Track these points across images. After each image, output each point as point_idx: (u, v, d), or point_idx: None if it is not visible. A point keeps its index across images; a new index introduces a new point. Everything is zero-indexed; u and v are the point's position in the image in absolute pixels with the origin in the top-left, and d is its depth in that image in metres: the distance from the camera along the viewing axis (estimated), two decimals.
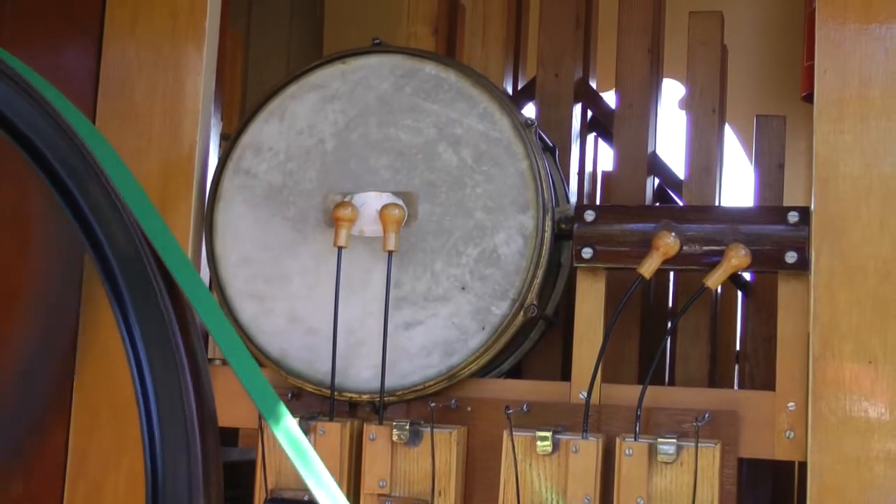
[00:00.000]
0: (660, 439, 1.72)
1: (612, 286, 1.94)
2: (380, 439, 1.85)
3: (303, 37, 4.11)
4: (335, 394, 1.89)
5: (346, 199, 1.94)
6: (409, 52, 2.03)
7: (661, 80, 2.44)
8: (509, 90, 2.52)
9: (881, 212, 1.74)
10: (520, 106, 2.46)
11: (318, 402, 1.94)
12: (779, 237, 1.80)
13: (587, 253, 1.88)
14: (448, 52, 2.54)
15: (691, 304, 1.87)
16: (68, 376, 2.07)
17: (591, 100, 2.54)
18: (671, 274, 2.41)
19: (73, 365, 2.07)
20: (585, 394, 1.82)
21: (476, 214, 1.90)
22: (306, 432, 1.85)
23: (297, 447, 0.84)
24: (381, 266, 1.91)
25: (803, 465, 1.78)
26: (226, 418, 1.75)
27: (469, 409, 1.92)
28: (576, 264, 1.90)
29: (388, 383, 1.88)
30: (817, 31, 1.81)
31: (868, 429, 1.70)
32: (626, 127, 2.34)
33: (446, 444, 1.83)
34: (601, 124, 2.60)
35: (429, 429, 1.83)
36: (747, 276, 2.38)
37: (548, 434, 1.75)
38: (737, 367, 2.56)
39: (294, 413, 1.83)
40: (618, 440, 1.75)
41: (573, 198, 2.26)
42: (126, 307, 0.81)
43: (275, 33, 4.00)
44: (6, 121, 0.84)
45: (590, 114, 2.55)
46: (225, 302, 1.99)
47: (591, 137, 2.65)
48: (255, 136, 2.04)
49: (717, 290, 2.34)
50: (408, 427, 1.83)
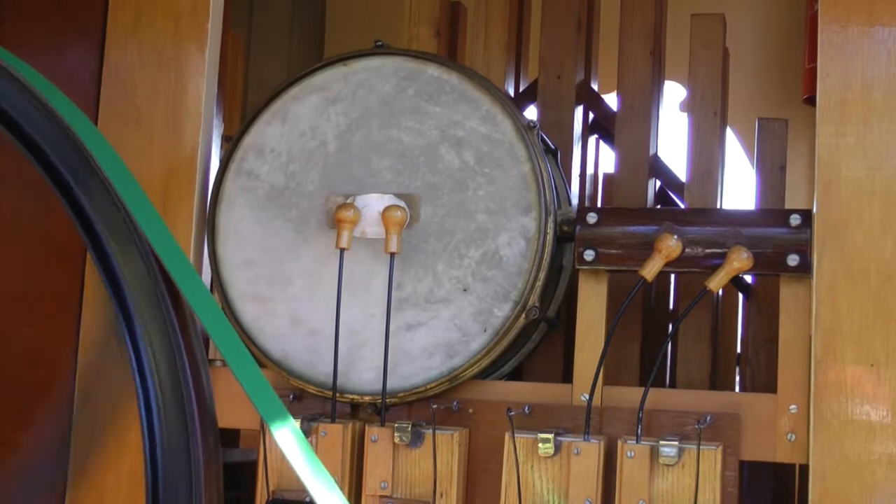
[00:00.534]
0: (661, 442, 1.72)
1: (614, 288, 1.94)
2: (381, 441, 1.85)
3: (304, 38, 4.11)
4: (337, 395, 1.89)
5: (349, 201, 1.94)
6: (411, 54, 2.03)
7: (663, 83, 2.44)
8: (511, 92, 2.52)
9: (883, 215, 1.74)
10: (521, 108, 2.46)
11: (319, 404, 1.94)
12: (781, 240, 1.80)
13: (589, 255, 1.88)
14: (450, 53, 2.54)
15: (693, 307, 1.87)
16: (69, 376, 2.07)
17: (592, 102, 2.54)
18: (672, 276, 2.41)
19: (73, 365, 2.07)
20: (587, 396, 1.82)
21: (478, 216, 1.90)
22: (308, 434, 1.85)
23: (299, 449, 0.84)
24: (382, 268, 1.91)
25: (804, 468, 1.78)
26: (226, 419, 1.76)
27: (471, 410, 1.92)
28: (577, 266, 1.90)
29: (389, 385, 1.88)
30: (820, 33, 1.81)
31: (870, 432, 1.70)
32: (627, 129, 2.34)
33: (448, 445, 1.83)
34: (603, 126, 2.60)
35: (430, 430, 1.83)
36: (749, 278, 2.38)
37: (549, 436, 1.75)
38: (738, 369, 2.56)
39: (296, 415, 1.85)
40: (619, 442, 1.75)
41: (575, 200, 2.26)
42: (128, 308, 0.81)
43: (276, 35, 4.00)
44: (9, 120, 0.84)
45: (591, 116, 2.55)
46: (227, 303, 1.99)
47: (592, 140, 2.65)
48: (258, 138, 2.04)
49: (718, 292, 2.34)
50: (409, 429, 1.83)
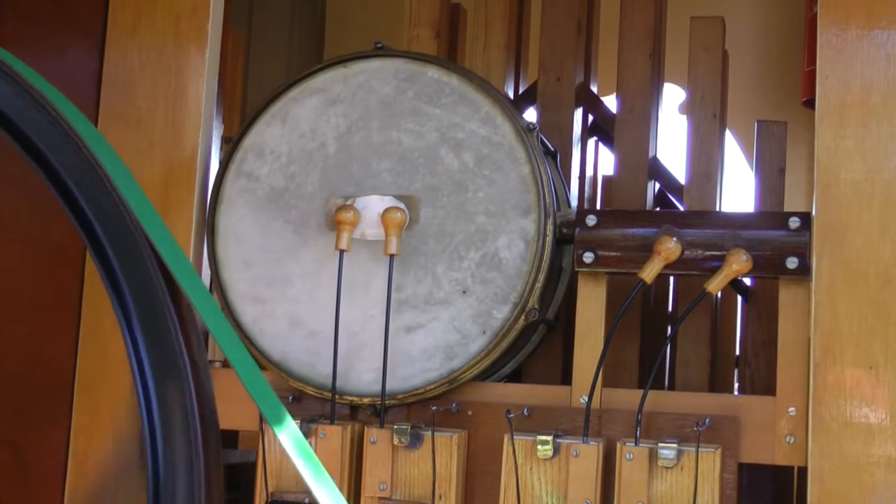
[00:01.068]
0: (660, 444, 1.72)
1: (613, 291, 1.94)
2: (381, 442, 1.85)
3: (303, 40, 4.12)
4: (336, 397, 1.89)
5: (348, 203, 1.94)
6: (411, 55, 2.04)
7: (662, 85, 2.44)
8: (511, 94, 2.52)
9: (882, 217, 1.74)
10: (521, 110, 2.46)
11: (319, 405, 1.94)
12: (780, 242, 1.80)
13: (588, 257, 1.88)
14: (449, 55, 2.54)
15: (692, 309, 1.87)
16: (68, 376, 2.07)
17: (592, 104, 2.54)
18: (671, 279, 2.41)
19: (73, 365, 2.07)
20: (586, 398, 1.82)
21: (477, 218, 1.91)
22: (307, 435, 1.86)
23: (300, 449, 0.84)
24: (382, 269, 1.91)
25: (803, 470, 1.78)
26: (226, 420, 1.76)
27: (470, 412, 1.92)
28: (577, 269, 1.90)
29: (389, 387, 1.88)
30: (819, 36, 1.82)
31: (869, 434, 1.70)
32: (627, 131, 2.34)
33: (447, 447, 1.83)
34: (602, 129, 2.60)
35: (430, 432, 1.83)
36: (748, 281, 2.38)
37: (548, 438, 1.75)
38: (737, 371, 2.55)
39: (295, 416, 1.85)
40: (618, 444, 1.75)
41: (574, 202, 2.26)
42: (128, 309, 0.81)
43: (276, 36, 4.00)
44: (7, 120, 0.84)
45: (591, 118, 2.55)
46: (226, 305, 2.00)
47: (592, 142, 2.65)
48: (257, 139, 2.04)
49: (717, 295, 2.34)
50: (409, 430, 1.83)
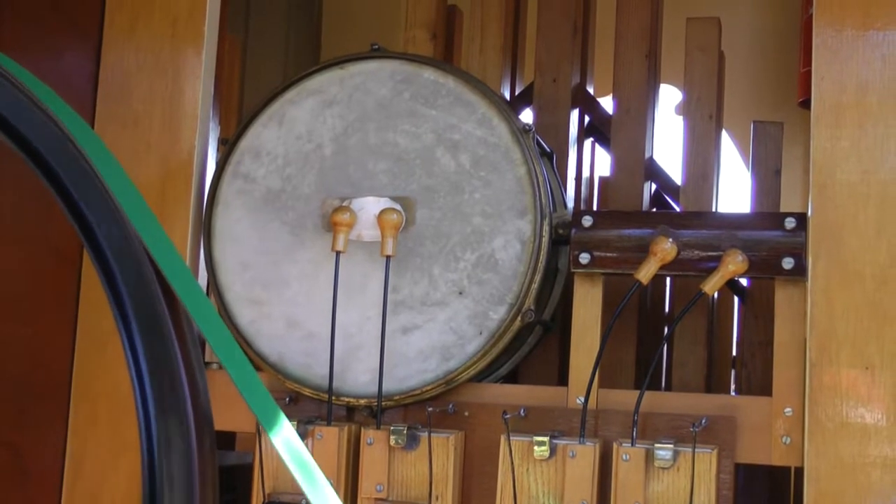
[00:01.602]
0: (657, 444, 1.72)
1: (610, 291, 1.94)
2: (377, 444, 1.85)
3: (300, 42, 4.11)
4: (333, 398, 1.89)
5: (345, 204, 1.94)
6: (407, 57, 2.04)
7: (659, 86, 2.44)
8: (507, 95, 2.52)
9: (878, 218, 1.74)
10: (517, 111, 2.46)
11: (315, 407, 1.94)
12: (776, 243, 1.80)
13: (584, 258, 1.88)
14: (446, 57, 2.54)
15: (688, 310, 1.87)
16: (66, 377, 2.07)
17: (588, 105, 2.54)
18: (668, 279, 2.41)
19: (70, 367, 2.07)
20: (583, 399, 1.82)
21: (474, 220, 1.91)
22: (304, 436, 1.86)
23: (293, 452, 0.84)
24: (379, 271, 1.91)
25: (799, 471, 1.78)
26: (222, 422, 1.76)
27: (466, 413, 1.92)
28: (573, 269, 1.90)
29: (385, 388, 1.88)
30: (814, 37, 1.82)
31: (865, 434, 1.71)
32: (623, 132, 2.34)
33: (444, 448, 1.83)
34: (598, 130, 2.60)
35: (426, 433, 1.83)
36: (744, 281, 2.38)
37: (545, 439, 1.76)
38: (733, 372, 2.56)
39: (292, 417, 1.85)
40: (615, 445, 1.75)
41: (570, 203, 2.26)
42: (126, 311, 0.81)
43: (272, 38, 4.00)
44: (5, 123, 0.84)
45: (587, 119, 2.56)
46: (223, 306, 2.00)
47: (588, 143, 2.65)
48: (254, 141, 2.04)
49: (713, 295, 2.35)
50: (405, 431, 1.83)
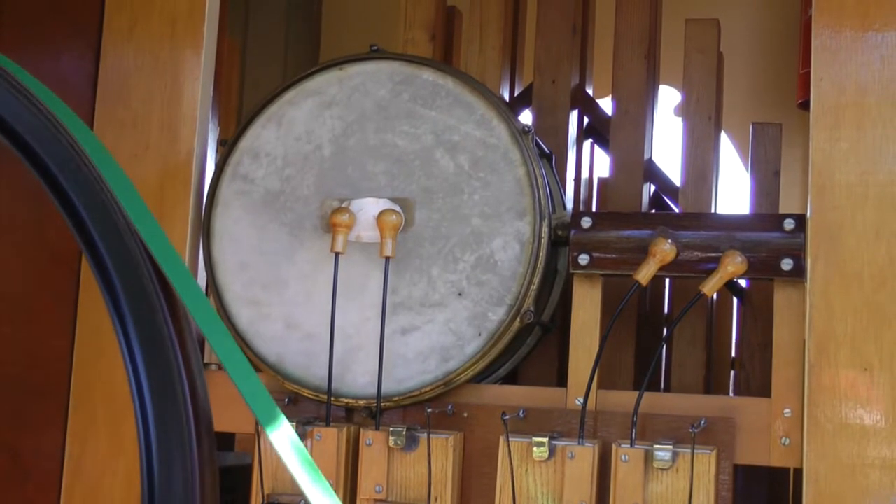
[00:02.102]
0: (656, 445, 1.72)
1: (609, 292, 1.94)
2: (376, 445, 1.85)
3: (299, 43, 4.12)
4: (332, 399, 1.89)
5: (344, 205, 1.94)
6: (406, 58, 2.04)
7: (658, 87, 2.44)
8: (506, 96, 2.52)
9: (877, 219, 1.74)
10: (516, 112, 2.46)
11: (314, 408, 1.94)
12: (775, 244, 1.80)
13: (584, 259, 1.88)
14: (445, 58, 2.54)
15: (687, 311, 1.87)
16: (64, 378, 2.07)
17: (587, 106, 2.54)
18: (667, 281, 2.41)
19: (68, 368, 2.07)
20: (582, 400, 1.82)
21: (473, 221, 1.91)
22: (303, 437, 1.86)
23: (292, 453, 0.84)
24: (378, 272, 1.91)
25: (798, 472, 1.79)
26: (222, 423, 1.76)
27: (465, 414, 1.92)
28: (572, 271, 1.90)
29: (384, 389, 1.88)
30: (814, 38, 1.82)
31: (864, 436, 1.71)
32: (622, 133, 2.34)
33: (443, 449, 1.83)
34: (598, 131, 2.60)
35: (425, 434, 1.83)
36: (743, 282, 2.38)
37: (544, 440, 1.76)
38: (732, 373, 2.56)
39: (291, 418, 1.85)
40: (614, 446, 1.75)
41: (569, 204, 2.26)
42: (123, 312, 0.81)
43: (271, 39, 4.00)
44: (4, 124, 0.84)
45: (586, 120, 2.56)
46: (222, 307, 2.00)
47: (587, 144, 2.65)
48: (253, 142, 2.04)
49: (712, 296, 2.35)
50: (404, 432, 1.83)
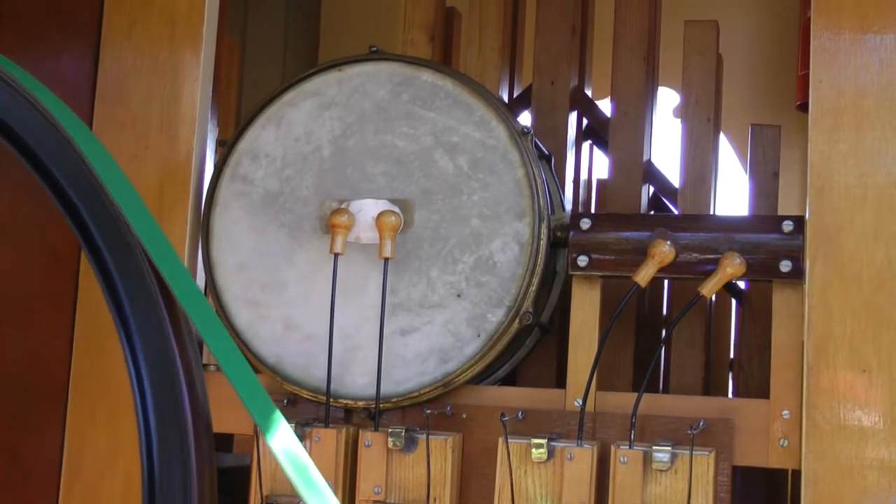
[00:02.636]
0: (654, 447, 1.72)
1: (608, 294, 1.94)
2: (375, 446, 1.85)
3: (298, 44, 4.12)
4: (331, 400, 1.89)
5: (343, 206, 1.94)
6: (405, 59, 2.04)
7: (657, 89, 2.44)
8: (505, 98, 2.52)
9: (875, 221, 1.75)
10: (515, 114, 2.46)
11: (313, 409, 1.94)
12: (773, 246, 1.80)
13: (583, 261, 1.88)
14: (444, 59, 2.54)
15: (686, 313, 1.87)
16: (63, 378, 2.07)
17: (586, 108, 2.54)
18: (666, 282, 2.41)
19: (67, 368, 2.07)
20: (580, 401, 1.82)
21: (472, 222, 1.91)
22: (302, 439, 1.86)
23: (291, 455, 0.84)
24: (377, 273, 1.91)
25: (797, 473, 1.79)
26: (220, 424, 1.76)
27: (464, 416, 1.92)
28: (571, 272, 1.90)
29: (383, 390, 1.88)
30: (812, 40, 1.82)
31: (862, 437, 1.71)
32: (621, 135, 2.34)
33: (442, 450, 1.83)
34: (597, 132, 2.60)
35: (424, 435, 1.83)
36: (742, 284, 2.38)
37: (543, 441, 1.76)
38: (731, 375, 2.56)
39: (290, 419, 1.85)
40: (612, 448, 1.75)
41: (568, 206, 2.26)
42: (124, 312, 0.81)
43: (270, 40, 4.00)
44: (4, 125, 0.84)
45: (585, 122, 2.56)
46: (221, 308, 2.00)
47: (586, 145, 2.65)
48: (252, 143, 2.04)
49: (711, 298, 2.35)
50: (403, 434, 1.83)
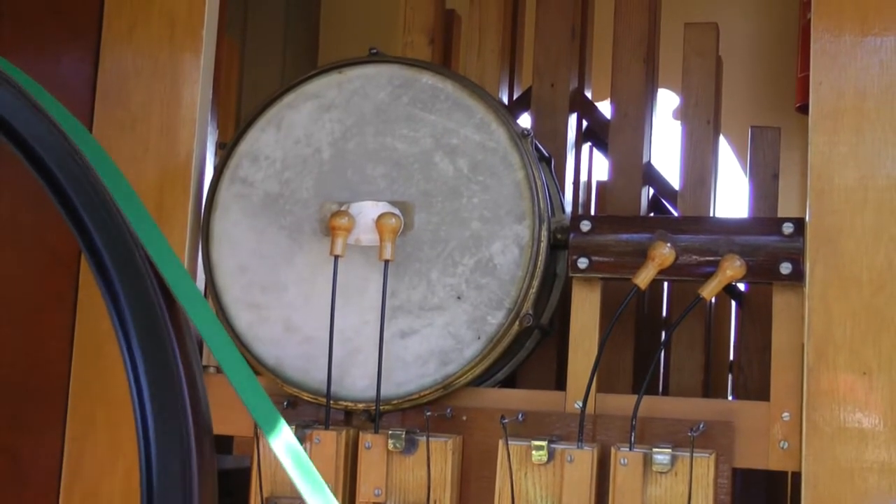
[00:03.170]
0: (654, 449, 1.72)
1: (607, 296, 1.94)
2: (375, 448, 1.85)
3: (298, 46, 4.12)
4: (331, 402, 1.89)
5: (343, 209, 1.94)
6: (405, 61, 2.04)
7: (657, 91, 2.44)
8: (505, 100, 2.52)
9: (875, 223, 1.75)
10: (515, 116, 2.46)
11: (314, 411, 1.94)
12: (773, 248, 1.80)
13: (582, 263, 1.88)
14: (444, 61, 2.54)
15: (686, 315, 1.87)
16: (63, 381, 2.07)
17: (586, 110, 2.54)
18: (665, 284, 2.41)
19: (68, 370, 2.07)
20: (580, 403, 1.82)
21: (472, 224, 1.91)
22: (302, 441, 1.86)
23: (291, 456, 0.84)
24: (377, 275, 1.91)
25: (797, 476, 1.79)
26: (221, 426, 1.76)
27: (464, 418, 1.92)
28: (571, 274, 1.90)
29: (383, 392, 1.88)
30: (813, 42, 1.82)
31: (862, 439, 1.71)
32: (621, 137, 2.34)
33: (442, 453, 1.83)
34: (596, 134, 2.60)
35: (424, 438, 1.83)
36: (742, 286, 2.38)
37: (543, 443, 1.76)
38: (731, 377, 2.56)
39: (290, 421, 1.85)
40: (613, 450, 1.75)
41: (568, 208, 2.26)
42: (123, 314, 0.81)
43: (270, 42, 4.01)
44: (5, 126, 0.84)
45: (585, 124, 2.56)
46: (221, 310, 2.00)
47: (586, 147, 2.65)
48: (252, 145, 2.04)
49: (711, 300, 2.35)
50: (403, 436, 1.83)
